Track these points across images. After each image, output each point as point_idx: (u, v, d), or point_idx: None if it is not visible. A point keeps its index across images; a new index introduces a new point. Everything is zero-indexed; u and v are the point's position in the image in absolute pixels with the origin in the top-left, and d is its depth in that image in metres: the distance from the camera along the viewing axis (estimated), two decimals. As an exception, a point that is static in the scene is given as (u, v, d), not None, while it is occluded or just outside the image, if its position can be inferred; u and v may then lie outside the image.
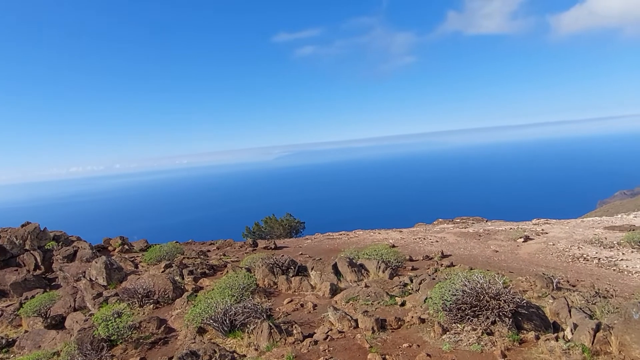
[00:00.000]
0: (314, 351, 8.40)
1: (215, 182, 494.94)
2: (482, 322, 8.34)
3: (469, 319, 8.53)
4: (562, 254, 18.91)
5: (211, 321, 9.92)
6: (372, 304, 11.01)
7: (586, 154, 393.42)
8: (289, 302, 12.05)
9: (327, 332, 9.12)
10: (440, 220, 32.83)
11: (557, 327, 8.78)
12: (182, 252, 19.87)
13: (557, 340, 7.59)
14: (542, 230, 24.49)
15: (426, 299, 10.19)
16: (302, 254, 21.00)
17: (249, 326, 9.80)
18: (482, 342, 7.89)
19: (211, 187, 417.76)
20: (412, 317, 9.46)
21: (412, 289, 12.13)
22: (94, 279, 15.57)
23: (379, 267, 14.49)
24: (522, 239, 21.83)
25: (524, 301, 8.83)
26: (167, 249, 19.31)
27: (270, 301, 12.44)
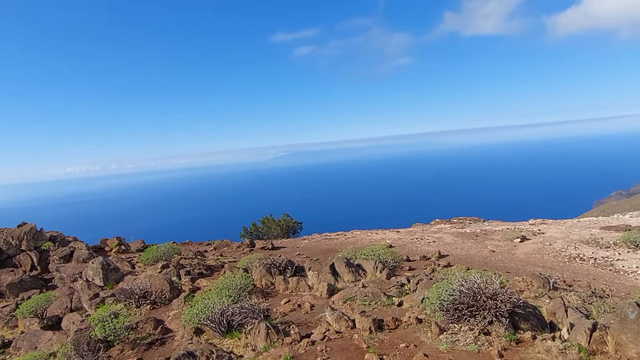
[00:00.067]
0: (311, 351, 8.40)
1: (212, 182, 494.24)
2: (479, 322, 8.36)
3: (466, 319, 8.55)
4: (559, 254, 18.98)
5: (208, 322, 9.91)
6: (369, 304, 11.03)
7: (583, 154, 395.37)
8: (286, 303, 12.04)
9: (324, 333, 9.13)
10: (437, 220, 32.88)
11: (553, 327, 8.81)
12: (179, 253, 19.84)
13: (553, 340, 7.62)
14: (539, 230, 24.57)
15: (423, 299, 10.21)
16: (299, 254, 20.99)
17: (246, 327, 9.79)
18: (479, 342, 7.91)
19: (208, 187, 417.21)
20: (410, 317, 9.48)
21: (410, 289, 12.14)
22: (90, 280, 15.52)
23: (377, 268, 14.50)
24: (519, 239, 21.90)
25: (521, 301, 8.85)
26: (164, 250, 19.27)
27: (267, 301, 12.44)
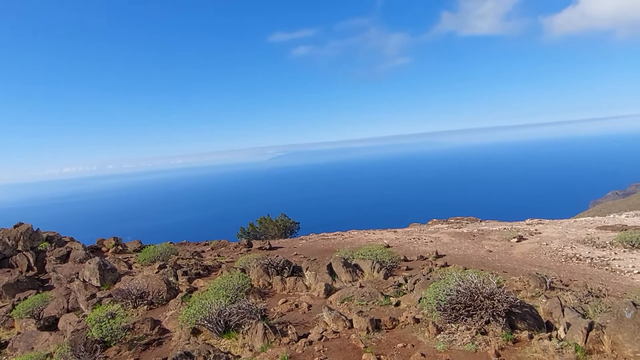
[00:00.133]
0: (308, 351, 8.40)
1: (209, 182, 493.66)
2: (476, 321, 8.38)
3: (463, 318, 8.57)
4: (555, 254, 19.05)
5: (205, 322, 9.89)
6: (366, 304, 11.03)
7: (579, 154, 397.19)
8: (283, 303, 12.04)
9: (321, 333, 9.13)
10: (434, 220, 32.94)
11: (550, 327, 8.84)
12: (176, 253, 19.79)
13: (550, 339, 7.66)
14: (536, 230, 24.65)
15: (420, 299, 10.23)
16: (296, 255, 20.97)
17: (243, 327, 9.78)
18: (476, 342, 7.93)
19: (206, 188, 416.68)
20: (407, 317, 9.49)
21: (407, 289, 12.15)
22: (87, 280, 15.47)
23: (374, 268, 14.51)
24: (515, 239, 21.96)
25: (518, 301, 8.88)
26: (161, 250, 19.23)
27: (264, 302, 12.42)
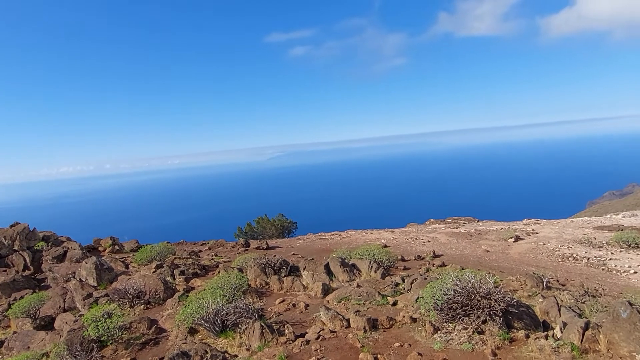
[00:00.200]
0: (305, 351, 8.40)
1: (207, 182, 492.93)
2: (473, 321, 8.40)
3: (460, 318, 8.59)
4: (552, 254, 19.12)
5: (202, 321, 9.87)
6: (364, 303, 11.04)
7: (577, 154, 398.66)
8: (281, 302, 12.03)
9: (319, 332, 9.12)
10: (432, 220, 32.99)
11: (547, 326, 8.87)
12: (173, 253, 19.75)
13: (546, 338, 7.68)
14: (533, 230, 24.72)
15: (418, 298, 10.24)
16: (294, 254, 20.97)
17: (240, 326, 9.77)
18: (473, 341, 7.95)
19: (203, 188, 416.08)
20: (404, 316, 9.50)
21: (404, 289, 12.17)
22: (83, 280, 15.42)
23: (371, 267, 14.52)
24: (512, 239, 22.03)
25: (515, 300, 8.91)
26: (158, 250, 19.19)
27: (262, 301, 12.40)
